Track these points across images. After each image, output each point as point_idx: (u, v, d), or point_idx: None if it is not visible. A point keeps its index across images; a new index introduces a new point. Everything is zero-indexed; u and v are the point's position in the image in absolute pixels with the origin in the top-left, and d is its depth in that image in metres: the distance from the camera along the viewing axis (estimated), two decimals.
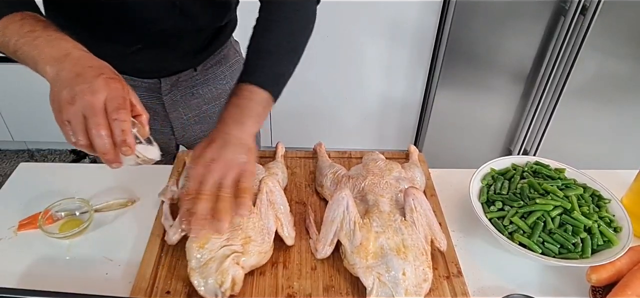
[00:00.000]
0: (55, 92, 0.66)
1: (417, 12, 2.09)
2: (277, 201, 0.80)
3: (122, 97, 0.65)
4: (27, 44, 0.69)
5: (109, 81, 0.65)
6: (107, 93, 0.64)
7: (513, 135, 2.34)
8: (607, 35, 1.95)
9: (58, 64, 0.67)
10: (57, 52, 0.68)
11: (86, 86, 0.64)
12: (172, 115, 1.13)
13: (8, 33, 0.71)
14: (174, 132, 1.17)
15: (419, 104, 2.41)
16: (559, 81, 2.07)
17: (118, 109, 0.64)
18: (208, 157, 0.75)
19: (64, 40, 0.70)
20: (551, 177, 0.92)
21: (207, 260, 0.71)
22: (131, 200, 0.93)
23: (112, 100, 0.64)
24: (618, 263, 0.76)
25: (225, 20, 1.05)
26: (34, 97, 2.29)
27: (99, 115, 0.63)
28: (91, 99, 0.63)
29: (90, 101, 0.63)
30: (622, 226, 0.83)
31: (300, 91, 2.33)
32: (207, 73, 1.12)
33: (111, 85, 0.65)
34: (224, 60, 1.15)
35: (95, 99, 0.63)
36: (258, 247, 0.75)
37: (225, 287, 0.70)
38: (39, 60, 0.68)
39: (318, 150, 1.03)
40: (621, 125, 2.26)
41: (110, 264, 0.80)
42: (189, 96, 1.12)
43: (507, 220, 0.83)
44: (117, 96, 0.64)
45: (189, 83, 1.10)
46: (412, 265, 0.72)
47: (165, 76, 1.06)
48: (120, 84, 0.66)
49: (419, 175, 0.94)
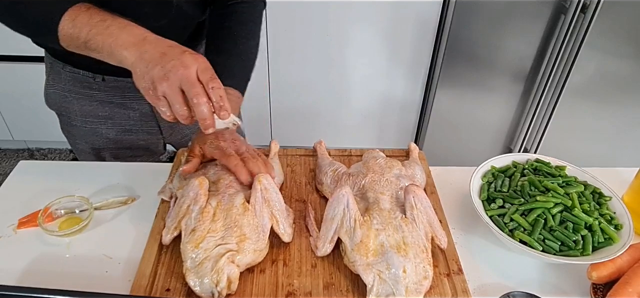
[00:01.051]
0: (142, 73, 0.70)
1: (418, 11, 2.09)
2: (272, 198, 0.80)
3: (211, 69, 0.71)
4: (100, 33, 0.72)
5: (196, 55, 0.71)
6: (197, 65, 0.69)
7: (513, 134, 2.34)
8: (608, 34, 1.95)
9: (138, 48, 0.71)
10: (134, 37, 0.72)
11: (177, 62, 0.68)
12: (158, 115, 1.13)
13: (78, 24, 0.73)
14: (162, 131, 1.18)
15: (419, 103, 2.41)
16: (559, 80, 2.07)
17: (213, 78, 0.70)
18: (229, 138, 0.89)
19: (136, 27, 0.74)
20: (552, 174, 0.92)
21: (202, 259, 0.71)
22: (131, 198, 0.93)
23: (204, 71, 0.70)
24: (619, 260, 0.75)
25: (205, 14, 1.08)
26: (34, 97, 2.28)
27: (197, 85, 0.69)
28: (185, 72, 0.68)
29: (185, 74, 0.68)
30: (622, 223, 0.83)
31: (300, 90, 2.33)
32: None
33: (199, 59, 0.70)
34: None
35: (189, 72, 0.68)
36: (253, 245, 0.74)
37: (221, 286, 0.69)
38: (116, 47, 0.72)
39: (318, 148, 1.03)
40: (621, 124, 2.26)
41: (110, 262, 0.80)
42: None
43: (508, 218, 0.83)
44: (208, 67, 0.71)
45: None
46: (413, 262, 0.72)
47: None
48: (203, 58, 0.71)
49: (420, 173, 0.94)
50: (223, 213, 0.76)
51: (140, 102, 1.11)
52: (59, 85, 1.07)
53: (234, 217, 0.76)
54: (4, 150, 2.72)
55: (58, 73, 1.06)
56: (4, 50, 2.18)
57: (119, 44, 0.71)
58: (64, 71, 1.05)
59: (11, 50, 2.17)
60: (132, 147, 1.16)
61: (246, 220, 0.76)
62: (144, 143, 1.17)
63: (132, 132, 1.14)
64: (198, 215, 0.76)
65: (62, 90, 1.07)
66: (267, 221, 0.78)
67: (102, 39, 0.72)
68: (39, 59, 2.08)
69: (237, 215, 0.76)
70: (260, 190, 0.79)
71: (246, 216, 0.76)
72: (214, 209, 0.76)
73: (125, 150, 1.16)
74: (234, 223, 0.75)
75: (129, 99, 1.10)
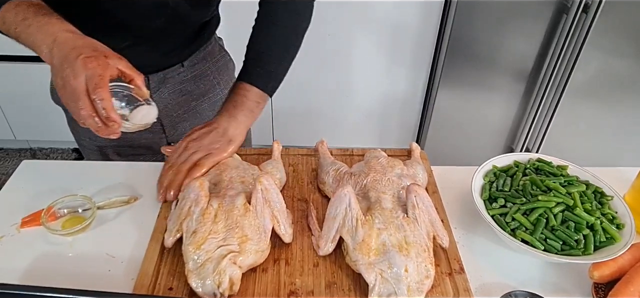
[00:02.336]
0: (53, 77, 0.70)
1: (419, 11, 2.09)
2: (272, 199, 0.80)
3: (99, 75, 0.67)
4: (23, 32, 0.72)
5: (86, 61, 0.67)
6: (85, 74, 0.67)
7: (515, 133, 2.34)
8: (609, 34, 1.95)
9: (50, 51, 0.70)
10: (47, 38, 0.71)
11: (70, 71, 0.67)
12: (161, 113, 1.13)
13: (7, 22, 0.74)
14: (165, 130, 1.18)
15: (420, 103, 2.41)
16: (560, 79, 2.07)
17: (95, 89, 0.67)
18: (192, 137, 0.92)
19: (51, 24, 0.72)
20: (553, 174, 0.92)
21: (204, 261, 0.71)
22: (134, 197, 0.93)
23: (90, 80, 0.67)
24: (620, 260, 0.75)
25: (209, 15, 1.08)
26: (36, 96, 2.29)
27: (81, 98, 0.67)
28: (74, 83, 0.67)
29: (73, 86, 0.67)
30: (624, 223, 0.83)
31: (302, 90, 2.33)
32: (194, 69, 1.15)
33: (88, 65, 0.67)
34: (210, 57, 1.17)
35: (77, 82, 0.67)
36: (255, 246, 0.74)
37: (223, 287, 0.69)
38: (35, 47, 0.72)
39: (320, 148, 1.03)
40: (623, 123, 2.26)
41: (112, 261, 0.80)
42: (177, 93, 1.14)
43: (510, 217, 0.83)
44: (94, 75, 0.67)
45: (176, 79, 1.12)
46: (414, 261, 0.72)
47: (152, 72, 1.07)
48: (96, 62, 0.68)
49: (421, 172, 0.94)
50: (224, 214, 0.76)
51: None
52: None
53: (236, 218, 0.76)
54: (6, 150, 2.72)
55: None
56: (5, 50, 2.19)
57: (37, 45, 0.71)
58: None
59: (13, 50, 2.17)
60: (134, 145, 1.17)
61: (247, 221, 0.76)
62: (146, 141, 1.17)
63: None
64: (199, 216, 0.76)
65: None
66: (269, 222, 0.78)
67: (25, 38, 0.72)
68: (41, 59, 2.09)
69: (238, 216, 0.76)
70: (260, 191, 0.79)
71: (247, 217, 0.76)
72: (216, 211, 0.77)
73: (127, 148, 1.16)
74: (235, 224, 0.75)
75: None
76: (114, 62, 0.71)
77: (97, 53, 0.69)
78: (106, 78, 0.68)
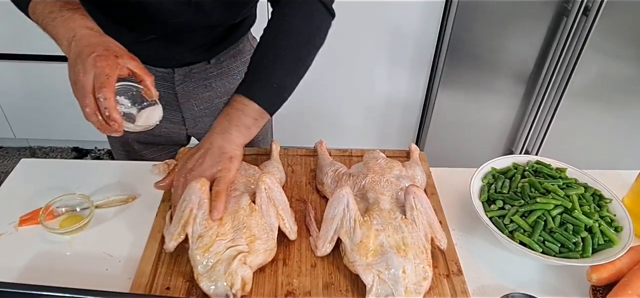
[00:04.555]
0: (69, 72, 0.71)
1: (419, 13, 2.09)
2: (276, 197, 0.80)
3: (105, 75, 0.68)
4: (49, 25, 0.75)
5: (96, 60, 0.69)
6: (94, 71, 0.68)
7: (515, 135, 2.34)
8: (610, 36, 1.95)
9: (69, 45, 0.72)
10: (68, 33, 0.73)
11: (80, 67, 0.69)
12: (183, 106, 1.13)
13: (37, 13, 0.77)
14: (185, 123, 1.17)
15: (420, 104, 2.41)
16: (560, 82, 2.07)
17: (100, 88, 0.68)
18: (188, 167, 0.82)
19: (73, 20, 0.74)
20: (552, 176, 0.92)
21: (214, 263, 0.71)
22: (132, 196, 0.93)
23: (97, 78, 0.68)
24: (618, 262, 0.75)
25: (240, 17, 1.05)
26: (36, 95, 2.29)
27: (86, 96, 0.69)
28: (83, 79, 0.68)
29: (82, 82, 0.69)
30: (623, 226, 0.83)
31: (301, 91, 2.30)
32: (221, 66, 1.13)
33: (98, 64, 0.69)
34: (239, 55, 1.15)
35: (85, 79, 0.68)
36: (264, 245, 0.75)
37: (236, 288, 0.69)
38: (58, 40, 0.74)
39: (319, 148, 1.03)
40: (623, 126, 2.25)
41: (110, 260, 0.80)
42: (202, 88, 1.12)
43: (508, 219, 0.83)
44: (101, 74, 0.68)
45: (202, 75, 1.11)
46: (412, 263, 0.72)
47: (177, 66, 1.06)
48: (106, 61, 0.69)
49: (420, 174, 0.94)
50: (230, 215, 0.76)
51: (165, 90, 1.08)
52: None
53: (242, 218, 0.76)
54: (5, 148, 2.72)
55: None
56: (5, 48, 2.19)
57: (59, 38, 0.73)
58: None
59: (13, 48, 2.18)
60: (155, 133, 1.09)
61: (254, 220, 0.76)
62: (166, 132, 1.16)
63: None
64: (203, 220, 0.75)
65: None
66: (275, 220, 0.78)
67: (50, 31, 0.75)
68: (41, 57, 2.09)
69: (244, 217, 0.76)
70: (264, 190, 0.79)
71: (254, 217, 0.76)
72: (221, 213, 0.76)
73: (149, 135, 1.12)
74: (242, 224, 0.75)
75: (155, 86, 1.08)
76: (124, 62, 0.72)
77: (109, 52, 0.71)
78: (113, 78, 0.69)
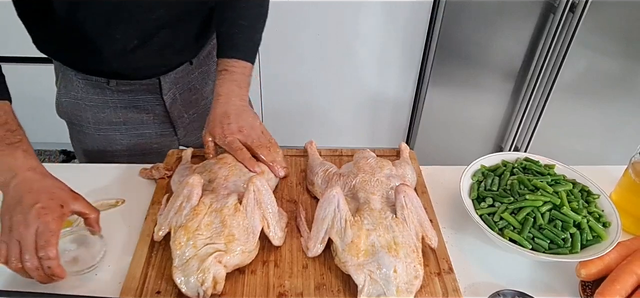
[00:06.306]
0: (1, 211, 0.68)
1: (408, 11, 2.10)
2: (264, 201, 0.79)
3: (50, 232, 0.67)
4: None
5: (41, 212, 0.67)
6: (37, 226, 0.66)
7: (504, 132, 2.35)
8: (596, 32, 1.97)
9: (6, 184, 0.70)
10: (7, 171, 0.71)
11: (22, 218, 0.66)
12: (173, 115, 1.13)
13: None
14: (177, 133, 1.17)
15: (410, 102, 2.42)
16: (549, 78, 2.09)
17: (44, 247, 0.66)
18: (235, 127, 0.91)
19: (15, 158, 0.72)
20: (541, 173, 0.92)
21: (189, 257, 0.71)
22: (121, 200, 0.92)
23: (40, 235, 0.66)
24: (607, 258, 0.76)
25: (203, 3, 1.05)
26: (23, 98, 2.25)
27: (29, 250, 0.66)
28: (24, 232, 0.66)
29: (23, 235, 0.66)
30: (611, 221, 0.83)
31: (291, 90, 2.33)
32: (201, 65, 1.14)
33: (43, 218, 0.67)
34: (214, 51, 1.16)
35: (28, 232, 0.66)
36: (241, 246, 0.74)
37: (206, 285, 0.69)
38: None
39: (309, 149, 1.02)
40: (610, 122, 2.28)
41: (100, 264, 0.80)
42: (187, 92, 1.14)
43: (498, 217, 0.83)
44: (45, 231, 0.66)
45: (186, 79, 1.12)
46: (404, 262, 0.72)
47: (162, 74, 1.07)
48: (51, 215, 0.68)
49: (410, 173, 0.94)
50: (214, 212, 0.76)
51: (153, 103, 1.10)
52: (71, 93, 1.06)
53: (224, 217, 0.75)
54: None
55: (70, 80, 1.05)
56: None
57: None
58: (76, 78, 1.04)
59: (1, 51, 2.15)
60: (146, 151, 1.15)
61: (236, 220, 0.76)
62: (158, 146, 1.16)
63: (146, 135, 1.13)
64: (189, 213, 0.75)
65: (74, 98, 1.06)
66: (258, 223, 0.77)
67: None
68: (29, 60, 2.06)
69: (227, 216, 0.76)
70: (253, 192, 0.78)
71: (236, 217, 0.76)
72: (207, 208, 0.76)
73: (139, 156, 1.14)
74: (223, 223, 0.75)
75: (143, 101, 1.09)
76: (69, 208, 0.72)
77: (53, 202, 0.69)
78: (58, 234, 0.68)
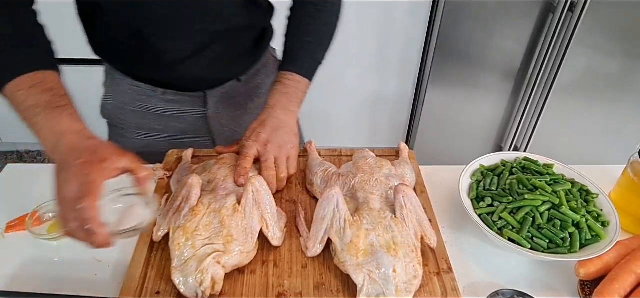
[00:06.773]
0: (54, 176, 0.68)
1: (408, 10, 2.10)
2: (263, 201, 0.79)
3: (88, 183, 0.64)
4: (29, 119, 0.72)
5: (82, 167, 0.65)
6: (79, 179, 0.65)
7: (503, 132, 2.35)
8: (596, 32, 1.97)
9: (53, 150, 0.70)
10: (53, 137, 0.70)
11: (63, 176, 0.66)
12: (214, 128, 1.13)
13: (16, 101, 0.74)
14: (215, 145, 1.16)
15: (410, 102, 2.42)
16: (548, 78, 2.09)
17: (81, 198, 0.63)
18: (263, 138, 0.88)
19: (59, 122, 0.71)
20: (540, 172, 0.92)
21: (187, 258, 0.71)
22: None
23: (80, 186, 0.64)
24: (606, 257, 0.76)
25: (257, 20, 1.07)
26: None
27: (66, 208, 0.65)
28: (64, 189, 0.65)
29: (62, 193, 0.65)
30: (609, 220, 0.83)
31: None
32: (249, 82, 1.14)
33: (84, 171, 0.65)
34: (264, 69, 1.17)
35: (66, 190, 0.65)
36: (240, 247, 0.74)
37: (204, 286, 0.69)
38: (40, 139, 0.71)
39: (308, 149, 1.03)
40: (610, 121, 2.28)
41: (99, 265, 0.80)
42: (232, 108, 1.13)
43: (497, 216, 0.84)
44: (84, 182, 0.64)
45: (233, 94, 1.12)
46: (403, 262, 0.72)
47: (211, 87, 1.07)
48: (91, 167, 0.66)
49: (409, 172, 0.94)
50: (213, 213, 0.76)
51: (196, 116, 1.10)
52: (118, 97, 1.07)
53: (223, 217, 0.75)
54: None
55: (117, 85, 1.06)
56: None
57: (42, 137, 0.71)
58: (124, 83, 1.04)
59: None
60: None
61: (234, 221, 0.76)
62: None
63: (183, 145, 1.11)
64: (188, 213, 0.76)
65: (119, 103, 1.07)
66: (257, 223, 0.78)
67: (30, 125, 0.72)
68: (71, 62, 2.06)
69: (225, 216, 0.76)
70: (251, 192, 0.78)
71: (235, 217, 0.76)
72: (206, 209, 0.76)
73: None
74: (221, 223, 0.75)
75: (186, 113, 1.10)
76: (113, 164, 0.68)
77: (96, 156, 0.67)
78: (97, 185, 0.65)
